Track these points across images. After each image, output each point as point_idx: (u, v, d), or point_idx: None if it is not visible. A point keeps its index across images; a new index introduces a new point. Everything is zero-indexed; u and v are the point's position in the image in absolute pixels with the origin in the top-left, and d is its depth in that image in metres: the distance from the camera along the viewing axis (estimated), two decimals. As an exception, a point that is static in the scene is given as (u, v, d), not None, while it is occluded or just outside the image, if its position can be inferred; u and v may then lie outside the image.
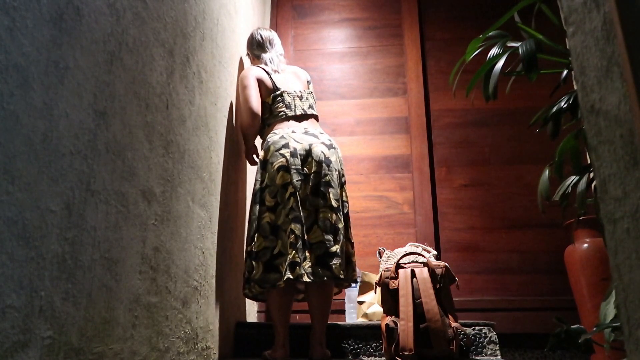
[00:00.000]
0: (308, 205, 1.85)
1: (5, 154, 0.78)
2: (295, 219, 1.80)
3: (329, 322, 1.89)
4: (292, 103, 2.07)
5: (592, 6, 0.69)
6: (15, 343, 0.78)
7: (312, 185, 1.87)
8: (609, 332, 1.11)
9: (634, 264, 0.60)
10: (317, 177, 1.88)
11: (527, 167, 2.66)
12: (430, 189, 2.69)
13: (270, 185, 1.88)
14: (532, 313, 2.39)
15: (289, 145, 1.91)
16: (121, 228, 1.14)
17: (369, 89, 2.94)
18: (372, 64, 2.99)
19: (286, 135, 1.95)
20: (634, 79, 0.58)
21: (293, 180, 1.85)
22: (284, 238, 1.81)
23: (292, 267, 1.74)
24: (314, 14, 3.13)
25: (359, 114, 2.90)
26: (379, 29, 3.05)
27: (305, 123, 2.05)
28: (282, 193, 1.86)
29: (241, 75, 2.13)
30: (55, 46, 0.92)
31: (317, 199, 1.86)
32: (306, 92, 2.15)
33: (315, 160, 1.89)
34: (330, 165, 1.91)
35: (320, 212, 1.85)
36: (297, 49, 3.06)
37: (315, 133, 1.99)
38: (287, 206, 1.83)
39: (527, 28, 1.48)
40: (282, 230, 1.83)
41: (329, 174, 1.90)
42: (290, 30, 3.11)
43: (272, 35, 2.28)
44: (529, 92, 2.71)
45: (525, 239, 2.55)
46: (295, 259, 1.74)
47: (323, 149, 1.93)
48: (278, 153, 1.90)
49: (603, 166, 0.67)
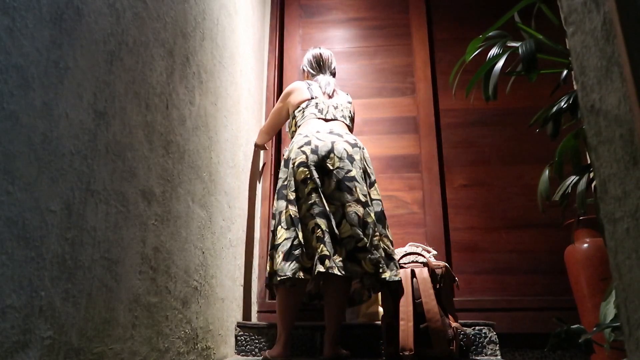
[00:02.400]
0: (334, 201, 1.86)
1: (5, 154, 0.78)
2: (320, 214, 1.80)
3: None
4: (326, 109, 2.14)
5: (592, 6, 0.69)
6: (15, 343, 0.78)
7: (336, 180, 1.87)
8: (609, 332, 1.11)
9: (634, 264, 0.60)
10: (340, 172, 1.88)
11: (527, 167, 2.66)
12: (440, 189, 2.67)
13: (291, 181, 1.90)
14: (532, 313, 2.39)
15: (310, 142, 1.94)
16: (121, 228, 1.14)
17: (376, 88, 2.92)
18: (379, 63, 2.97)
19: (309, 134, 1.98)
20: (634, 79, 0.58)
21: (313, 176, 1.86)
22: (305, 231, 1.82)
23: (322, 261, 1.71)
24: (321, 13, 3.12)
25: (367, 113, 2.88)
26: (387, 28, 3.03)
27: (332, 124, 2.08)
28: (302, 188, 1.87)
29: (284, 90, 2.29)
30: (55, 46, 0.92)
31: (342, 193, 1.86)
32: (342, 106, 2.19)
33: (337, 157, 1.90)
34: (353, 162, 1.91)
35: (346, 206, 1.83)
36: (304, 49, 3.04)
37: (341, 133, 2.01)
38: (308, 201, 1.84)
39: (527, 28, 1.48)
40: (303, 223, 1.83)
41: (353, 170, 1.89)
42: (297, 29, 3.10)
43: (330, 58, 2.37)
44: (529, 92, 2.71)
45: (525, 239, 2.55)
46: (324, 253, 1.72)
47: (346, 147, 1.94)
48: (299, 150, 1.93)
49: (603, 166, 0.67)
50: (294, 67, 3.04)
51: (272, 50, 3.12)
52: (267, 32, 3.15)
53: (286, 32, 3.05)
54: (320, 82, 2.23)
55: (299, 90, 2.21)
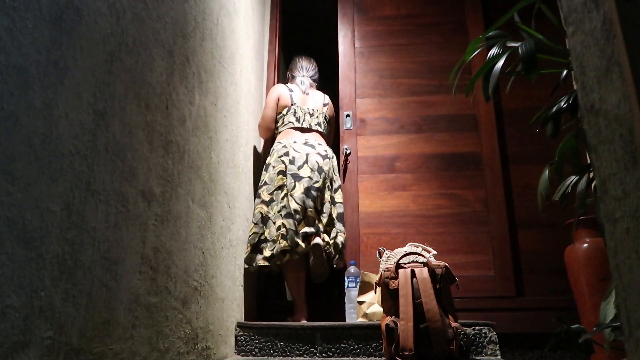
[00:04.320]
0: (300, 202, 2.29)
1: (5, 154, 0.78)
2: (287, 215, 2.27)
3: (329, 322, 1.99)
4: (302, 117, 2.55)
5: (592, 6, 0.69)
6: (15, 343, 0.78)
7: (305, 187, 2.32)
8: (609, 332, 1.11)
9: (634, 264, 0.60)
10: (309, 181, 2.34)
11: (527, 167, 2.66)
12: (503, 186, 2.64)
13: (269, 184, 2.36)
14: (532, 313, 2.39)
15: (289, 153, 2.38)
16: (121, 228, 1.14)
17: (434, 86, 2.87)
18: (436, 60, 2.92)
19: (288, 144, 2.42)
20: (634, 79, 0.58)
21: (287, 182, 2.33)
22: (271, 228, 2.28)
23: (284, 254, 2.24)
24: (375, 9, 3.07)
25: (425, 110, 2.84)
26: (442, 25, 2.98)
27: (308, 135, 2.51)
28: (277, 193, 2.33)
29: (269, 92, 2.69)
30: (55, 46, 0.92)
31: (307, 199, 2.31)
32: (318, 112, 2.61)
33: (309, 168, 2.36)
34: (322, 173, 2.39)
35: (308, 210, 2.31)
36: (357, 45, 3.01)
37: (314, 144, 2.45)
38: (280, 203, 2.30)
39: (527, 28, 1.48)
40: (272, 222, 2.29)
41: (320, 181, 2.37)
42: (351, 26, 3.06)
43: (309, 65, 2.78)
44: (529, 92, 2.71)
45: (525, 239, 2.55)
46: (285, 248, 2.22)
47: (318, 159, 2.40)
48: (279, 159, 2.38)
49: (603, 166, 0.67)
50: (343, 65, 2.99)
51: (272, 50, 3.11)
52: (267, 32, 3.14)
53: (338, 29, 3.03)
54: (298, 82, 2.68)
55: (283, 96, 2.60)
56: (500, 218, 2.58)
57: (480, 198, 2.65)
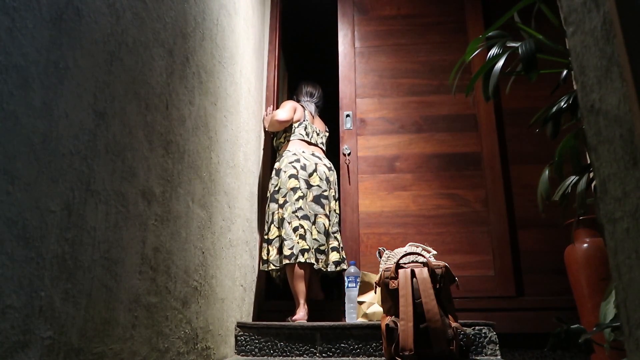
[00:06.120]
0: (310, 209, 2.43)
1: (5, 154, 0.78)
2: (304, 217, 2.41)
3: (329, 322, 2.00)
4: (311, 133, 2.71)
5: (592, 6, 0.69)
6: (15, 343, 0.78)
7: (315, 195, 2.47)
8: (609, 332, 1.11)
9: (634, 264, 0.60)
10: (319, 189, 2.49)
11: (527, 167, 2.66)
12: (503, 186, 2.63)
13: (282, 188, 2.48)
14: (532, 313, 2.39)
15: (299, 160, 2.52)
16: (121, 228, 1.14)
17: (434, 86, 2.87)
18: (436, 60, 2.92)
19: (297, 152, 2.56)
20: (634, 79, 0.58)
21: (301, 186, 2.45)
22: (287, 228, 2.39)
23: (303, 253, 2.34)
24: (375, 9, 3.07)
25: (425, 110, 2.84)
26: (442, 25, 2.98)
27: (314, 148, 2.68)
28: (290, 195, 2.45)
29: (283, 102, 2.75)
30: (55, 46, 0.92)
31: (317, 206, 2.46)
32: (322, 133, 2.80)
33: (318, 177, 2.52)
34: (329, 183, 2.56)
35: (317, 217, 2.45)
36: (357, 45, 3.01)
37: (320, 157, 2.63)
38: (295, 205, 2.42)
39: (527, 28, 1.48)
40: (287, 222, 2.40)
41: (327, 190, 2.53)
42: (351, 26, 3.06)
43: (314, 91, 2.91)
44: (529, 92, 2.71)
45: (525, 239, 2.55)
46: (304, 247, 2.35)
47: (325, 170, 2.56)
48: (290, 165, 2.50)
49: (603, 166, 0.67)
50: (343, 65, 2.99)
51: (272, 50, 3.11)
52: (267, 32, 3.14)
53: (339, 29, 3.03)
54: (307, 107, 2.81)
55: (299, 110, 2.73)
56: (500, 218, 2.58)
57: (480, 198, 2.65)
